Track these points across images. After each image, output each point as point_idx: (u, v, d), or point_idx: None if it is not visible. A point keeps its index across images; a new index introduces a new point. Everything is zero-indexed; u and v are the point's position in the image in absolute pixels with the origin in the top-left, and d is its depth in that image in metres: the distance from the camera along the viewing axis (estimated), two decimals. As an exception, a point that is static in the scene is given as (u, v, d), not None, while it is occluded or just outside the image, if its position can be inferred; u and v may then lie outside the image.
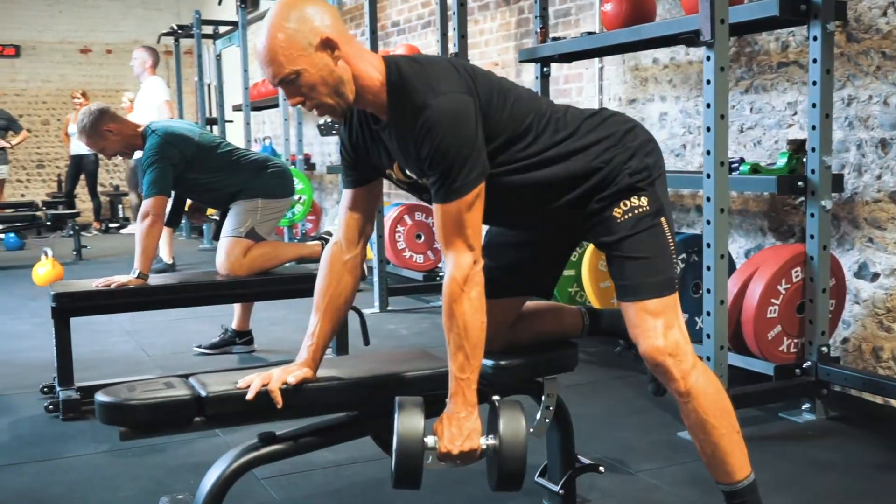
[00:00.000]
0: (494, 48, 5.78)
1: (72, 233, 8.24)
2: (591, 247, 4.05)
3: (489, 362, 2.22)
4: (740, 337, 3.28)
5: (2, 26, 12.02)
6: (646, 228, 2.00)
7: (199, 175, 3.78)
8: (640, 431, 3.16)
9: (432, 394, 2.03)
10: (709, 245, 2.98)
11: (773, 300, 3.20)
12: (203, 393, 1.98)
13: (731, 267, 3.52)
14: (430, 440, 1.88)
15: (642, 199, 2.01)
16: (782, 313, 3.23)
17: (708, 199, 2.97)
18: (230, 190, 3.84)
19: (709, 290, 2.99)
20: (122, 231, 10.62)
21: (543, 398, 2.33)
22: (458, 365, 1.88)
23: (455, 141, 1.83)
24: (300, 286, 3.84)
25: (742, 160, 3.39)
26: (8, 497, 2.64)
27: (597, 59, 4.77)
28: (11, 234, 8.75)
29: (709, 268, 2.98)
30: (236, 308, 4.33)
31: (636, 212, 2.00)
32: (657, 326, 1.96)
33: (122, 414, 1.94)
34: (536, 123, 1.99)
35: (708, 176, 2.97)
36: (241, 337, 4.36)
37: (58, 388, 3.44)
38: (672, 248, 2.02)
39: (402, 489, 1.91)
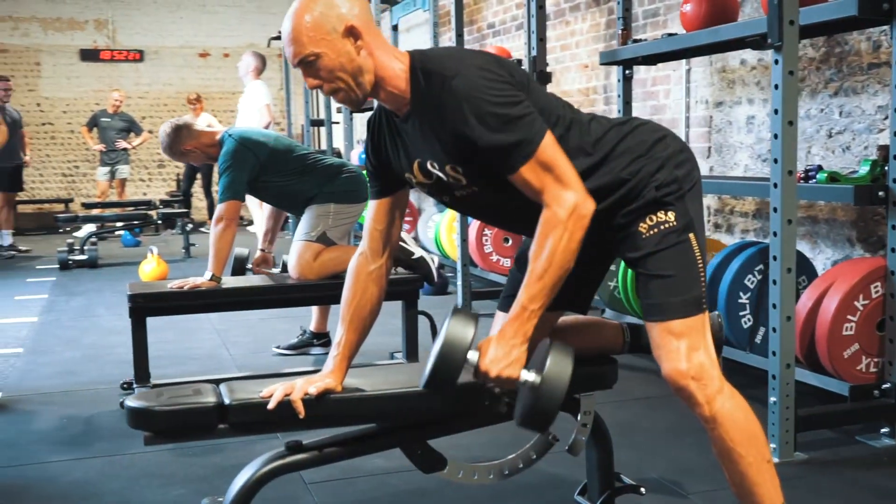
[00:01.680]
0: (584, 49, 5.68)
1: (182, 231, 8.55)
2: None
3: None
4: (814, 354, 3.12)
5: (127, 33, 12.60)
6: (672, 245, 1.91)
7: (273, 178, 3.85)
8: (702, 450, 3.03)
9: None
10: (775, 258, 2.84)
11: (849, 316, 3.03)
12: (227, 401, 2.01)
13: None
14: (471, 355, 1.82)
15: (669, 213, 1.93)
16: (860, 330, 3.05)
17: (775, 210, 2.84)
18: (305, 194, 3.89)
19: (774, 306, 2.85)
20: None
21: (580, 415, 2.27)
22: (529, 294, 1.81)
23: (500, 101, 1.78)
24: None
25: (819, 168, 3.22)
26: (68, 488, 2.76)
27: (684, 61, 4.63)
28: (127, 232, 9.18)
29: (774, 282, 2.84)
30: (314, 310, 4.40)
31: (662, 227, 1.92)
32: (680, 348, 1.88)
33: (147, 419, 1.99)
34: (557, 124, 1.93)
35: (775, 185, 2.83)
36: (319, 339, 4.43)
37: (134, 385, 3.58)
38: (701, 265, 1.93)
39: (432, 391, 1.87)
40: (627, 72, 4.40)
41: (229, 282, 3.73)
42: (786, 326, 2.84)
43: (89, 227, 8.99)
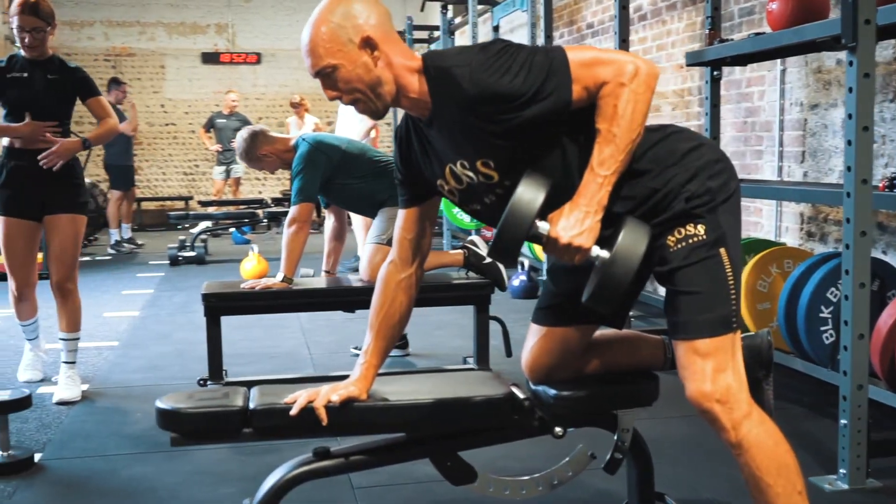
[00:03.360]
0: (680, 50, 5.51)
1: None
2: (750, 264, 3.77)
3: (551, 391, 2.13)
4: (896, 374, 2.93)
5: (246, 36, 13.02)
6: (700, 260, 1.82)
7: (346, 180, 3.88)
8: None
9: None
10: (847, 272, 2.67)
11: (934, 335, 2.83)
12: (252, 405, 2.03)
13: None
14: (541, 225, 1.77)
15: (699, 226, 1.83)
16: (946, 351, 2.84)
17: (847, 221, 2.67)
18: (376, 197, 3.92)
19: (846, 322, 2.68)
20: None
21: (617, 433, 2.19)
22: (600, 159, 1.75)
23: (517, 60, 1.76)
24: (442, 294, 3.87)
25: (907, 176, 3.01)
26: (126, 482, 2.85)
27: (778, 61, 4.42)
28: (236, 230, 9.46)
29: (847, 297, 2.68)
30: (391, 312, 4.41)
31: (691, 241, 1.83)
32: (706, 369, 1.78)
33: (173, 420, 2.02)
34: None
35: (847, 195, 2.67)
36: (396, 340, 4.45)
37: (209, 383, 3.67)
38: (731, 282, 1.82)
39: (496, 259, 1.83)
40: (715, 73, 4.24)
41: (300, 283, 3.78)
42: (858, 345, 2.67)
43: (205, 224, 9.33)
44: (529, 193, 1.73)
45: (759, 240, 4.25)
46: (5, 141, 3.78)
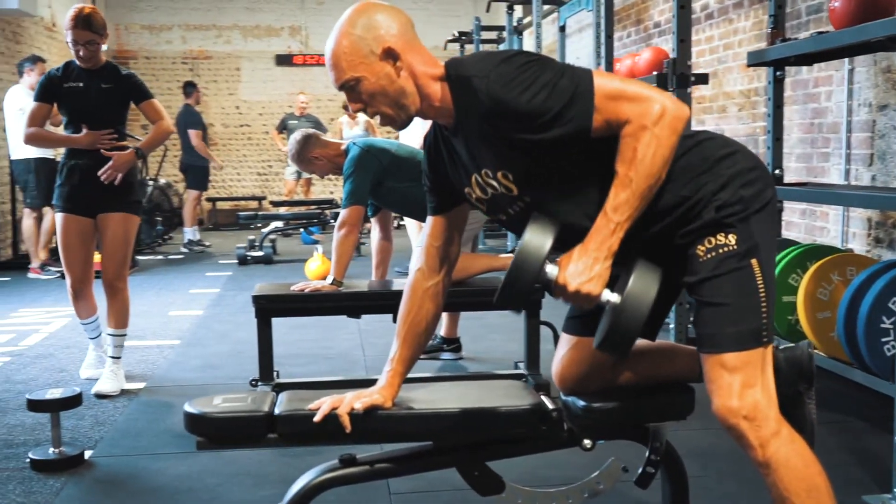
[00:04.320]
0: (747, 48, 5.36)
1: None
2: (809, 272, 3.64)
3: (581, 403, 2.08)
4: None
5: (320, 38, 13.14)
6: (730, 270, 1.75)
7: (396, 184, 3.88)
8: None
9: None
10: (904, 282, 2.55)
11: None
12: (277, 411, 2.04)
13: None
14: (550, 269, 1.74)
15: (730, 236, 1.77)
16: None
17: (904, 229, 2.55)
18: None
19: (903, 335, 2.56)
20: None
21: (649, 446, 2.13)
22: (615, 203, 1.70)
23: (538, 75, 1.70)
24: (489, 298, 3.83)
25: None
26: (169, 481, 2.90)
27: (846, 61, 4.26)
28: (304, 231, 9.57)
29: (903, 308, 2.55)
30: (444, 316, 4.41)
31: (721, 251, 1.76)
32: (733, 384, 1.71)
33: (199, 424, 2.04)
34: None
35: (905, 202, 2.54)
36: (450, 344, 4.44)
37: (260, 383, 3.71)
38: (763, 294, 1.75)
39: (503, 306, 1.82)
40: (778, 73, 4.10)
41: (349, 286, 3.79)
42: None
43: (275, 224, 9.47)
44: (536, 240, 1.71)
45: (822, 246, 4.10)
46: None
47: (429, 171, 2.03)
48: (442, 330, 4.43)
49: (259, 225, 10.54)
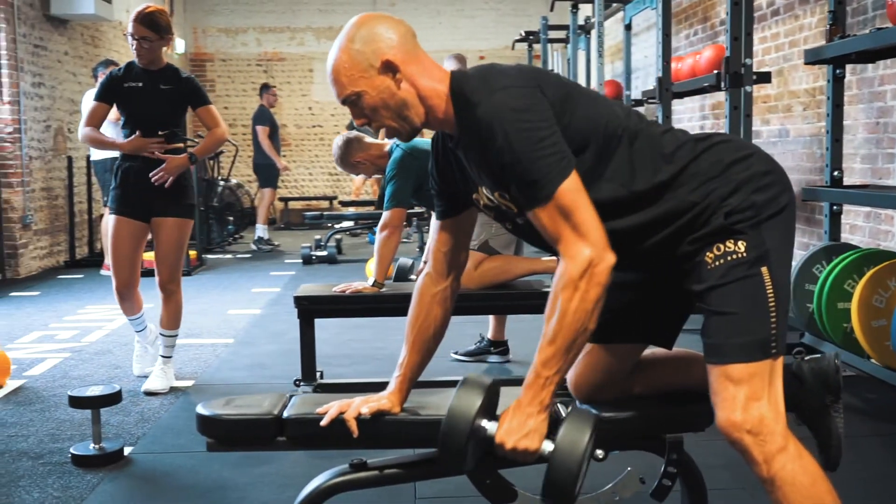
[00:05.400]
0: (813, 45, 5.18)
1: (418, 230, 8.84)
2: (864, 279, 3.49)
3: (592, 412, 2.02)
4: None
5: (391, 38, 13.23)
6: (738, 279, 1.69)
7: (437, 187, 3.86)
8: (868, 498, 2.66)
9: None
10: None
11: None
12: (286, 414, 2.04)
13: None
14: (490, 425, 1.75)
15: (739, 243, 1.70)
16: None
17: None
18: (470, 202, 3.87)
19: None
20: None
21: (665, 458, 2.06)
22: (543, 358, 1.69)
23: (518, 136, 1.67)
24: (533, 302, 3.79)
25: None
26: (201, 479, 2.94)
27: (912, 57, 4.08)
28: (370, 232, 9.63)
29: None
30: (491, 318, 4.37)
31: (729, 258, 1.70)
32: (737, 397, 1.65)
33: (210, 426, 2.05)
34: (616, 137, 1.76)
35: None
36: (496, 347, 4.40)
37: (302, 384, 3.73)
38: (772, 304, 1.68)
39: (443, 467, 1.84)
40: (838, 71, 3.96)
41: (390, 288, 3.79)
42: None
43: (343, 224, 9.56)
44: (464, 400, 1.71)
45: (881, 251, 3.93)
46: None
47: (436, 176, 2.01)
48: (489, 332, 4.40)
49: (329, 224, 10.67)
